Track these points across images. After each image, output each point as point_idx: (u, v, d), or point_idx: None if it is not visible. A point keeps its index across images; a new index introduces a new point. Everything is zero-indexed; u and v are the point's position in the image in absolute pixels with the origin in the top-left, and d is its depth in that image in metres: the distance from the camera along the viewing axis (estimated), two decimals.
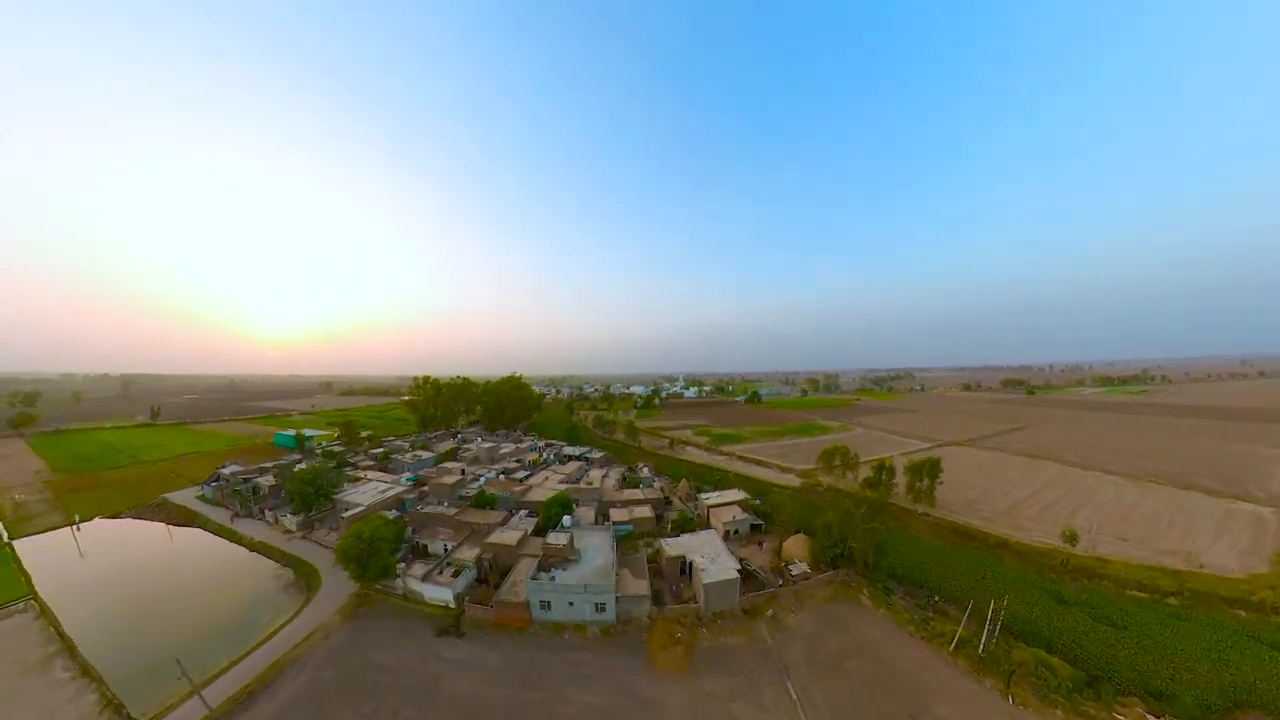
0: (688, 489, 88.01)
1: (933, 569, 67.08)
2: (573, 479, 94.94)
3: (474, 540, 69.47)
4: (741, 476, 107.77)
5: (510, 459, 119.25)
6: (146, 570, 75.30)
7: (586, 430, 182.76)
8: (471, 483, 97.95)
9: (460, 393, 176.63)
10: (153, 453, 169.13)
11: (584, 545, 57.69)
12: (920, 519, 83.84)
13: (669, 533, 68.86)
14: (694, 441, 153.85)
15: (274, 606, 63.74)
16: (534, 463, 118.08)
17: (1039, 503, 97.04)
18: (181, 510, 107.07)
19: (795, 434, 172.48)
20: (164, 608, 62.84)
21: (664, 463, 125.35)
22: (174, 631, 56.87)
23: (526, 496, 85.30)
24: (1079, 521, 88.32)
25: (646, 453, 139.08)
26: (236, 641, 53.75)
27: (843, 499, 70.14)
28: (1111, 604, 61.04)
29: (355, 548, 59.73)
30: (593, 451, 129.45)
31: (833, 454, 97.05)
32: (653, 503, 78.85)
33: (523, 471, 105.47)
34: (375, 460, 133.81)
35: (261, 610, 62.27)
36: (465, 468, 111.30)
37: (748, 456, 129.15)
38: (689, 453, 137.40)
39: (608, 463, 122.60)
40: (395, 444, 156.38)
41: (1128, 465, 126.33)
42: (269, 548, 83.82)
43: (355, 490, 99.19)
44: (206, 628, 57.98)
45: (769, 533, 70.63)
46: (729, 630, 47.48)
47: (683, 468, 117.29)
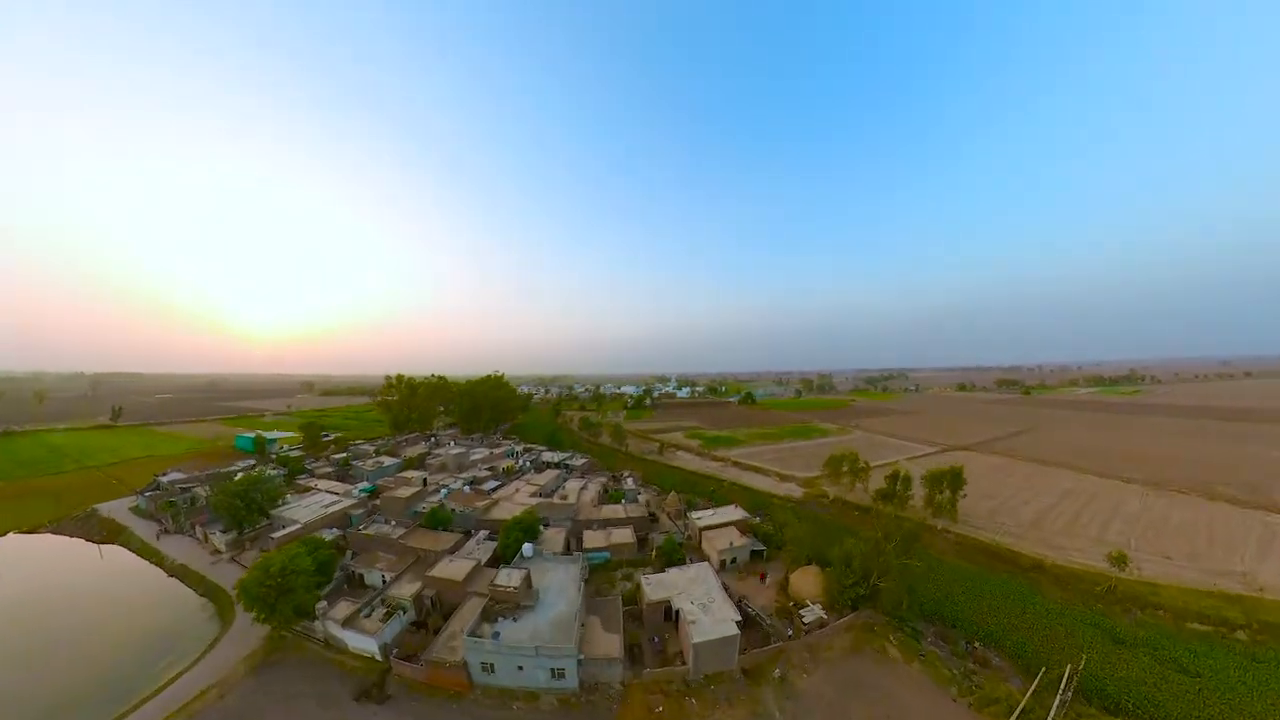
0: (677, 503, 77.30)
1: (964, 601, 57.06)
2: (547, 491, 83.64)
3: (418, 570, 58.00)
4: (738, 486, 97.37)
5: (482, 466, 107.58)
6: (46, 598, 64.10)
7: (571, 433, 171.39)
8: (431, 495, 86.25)
9: (436, 393, 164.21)
10: (101, 457, 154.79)
11: (545, 583, 46.57)
12: (941, 536, 73.95)
13: (653, 560, 57.72)
14: (686, 445, 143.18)
15: (176, 649, 53.03)
16: (508, 471, 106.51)
17: (1064, 515, 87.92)
18: (108, 524, 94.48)
19: (793, 437, 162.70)
20: (49, 647, 52.16)
21: (652, 470, 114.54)
22: (53, 678, 46.79)
23: (490, 514, 73.69)
24: (1111, 536, 79.30)
25: (634, 458, 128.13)
26: (124, 693, 43.94)
27: (872, 524, 59.29)
28: (1174, 642, 51.85)
29: (260, 585, 48.05)
30: (575, 457, 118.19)
31: (840, 461, 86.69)
32: (636, 522, 67.64)
33: (493, 482, 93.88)
34: (335, 466, 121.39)
35: (160, 653, 51.49)
36: (428, 477, 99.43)
37: (744, 463, 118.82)
38: (680, 458, 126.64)
39: (590, 470, 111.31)
40: (361, 448, 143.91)
41: (1144, 472, 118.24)
42: (189, 572, 72.31)
43: (298, 504, 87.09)
44: (91, 675, 47.84)
45: (772, 559, 59.60)
46: (725, 700, 36.75)
47: (673, 476, 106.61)
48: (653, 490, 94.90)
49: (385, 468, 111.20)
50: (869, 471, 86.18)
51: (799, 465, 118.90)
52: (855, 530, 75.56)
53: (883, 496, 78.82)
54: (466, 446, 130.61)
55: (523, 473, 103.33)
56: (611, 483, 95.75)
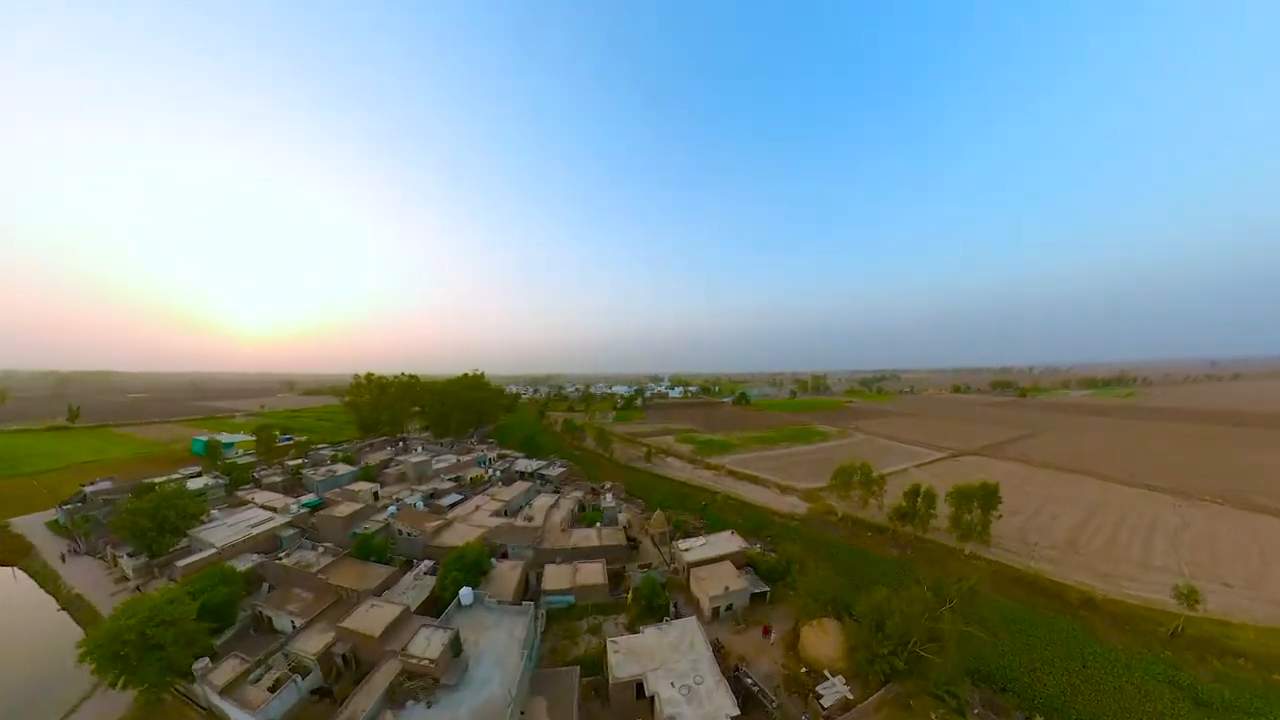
0: (663, 524, 66.03)
1: (1013, 653, 46.52)
2: (512, 509, 72.03)
3: (337, 615, 46.23)
4: (733, 500, 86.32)
5: (445, 476, 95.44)
6: None
7: (555, 436, 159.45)
8: (378, 512, 74.22)
9: (407, 393, 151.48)
10: (41, 462, 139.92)
11: (482, 646, 35.12)
12: (970, 563, 63.57)
13: (628, 606, 46.23)
14: (676, 451, 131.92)
15: (32, 711, 41.33)
16: (475, 482, 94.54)
17: (1100, 532, 78.18)
18: (16, 543, 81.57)
19: (790, 440, 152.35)
20: None
21: (639, 480, 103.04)
22: None
23: (440, 538, 61.79)
24: (1157, 558, 69.58)
25: (619, 466, 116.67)
26: None
27: (917, 572, 47.71)
28: (1268, 703, 41.96)
29: (113, 641, 36.53)
30: (553, 465, 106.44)
31: (849, 473, 75.82)
32: (611, 552, 56.12)
33: (454, 495, 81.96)
34: (286, 475, 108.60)
35: (20, 716, 40.98)
36: (380, 490, 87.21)
37: (739, 471, 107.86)
38: (669, 466, 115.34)
39: (568, 480, 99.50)
40: (320, 453, 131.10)
41: (1169, 479, 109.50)
42: (85, 605, 60.21)
43: (224, 522, 74.62)
44: None
45: (777, 601, 48.17)
46: None
47: (660, 488, 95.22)
48: (637, 506, 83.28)
49: (337, 477, 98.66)
50: (884, 485, 75.39)
51: (800, 474, 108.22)
52: (869, 555, 65.19)
53: (901, 515, 68.24)
54: (433, 453, 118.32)
55: (491, 484, 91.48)
56: (590, 496, 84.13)
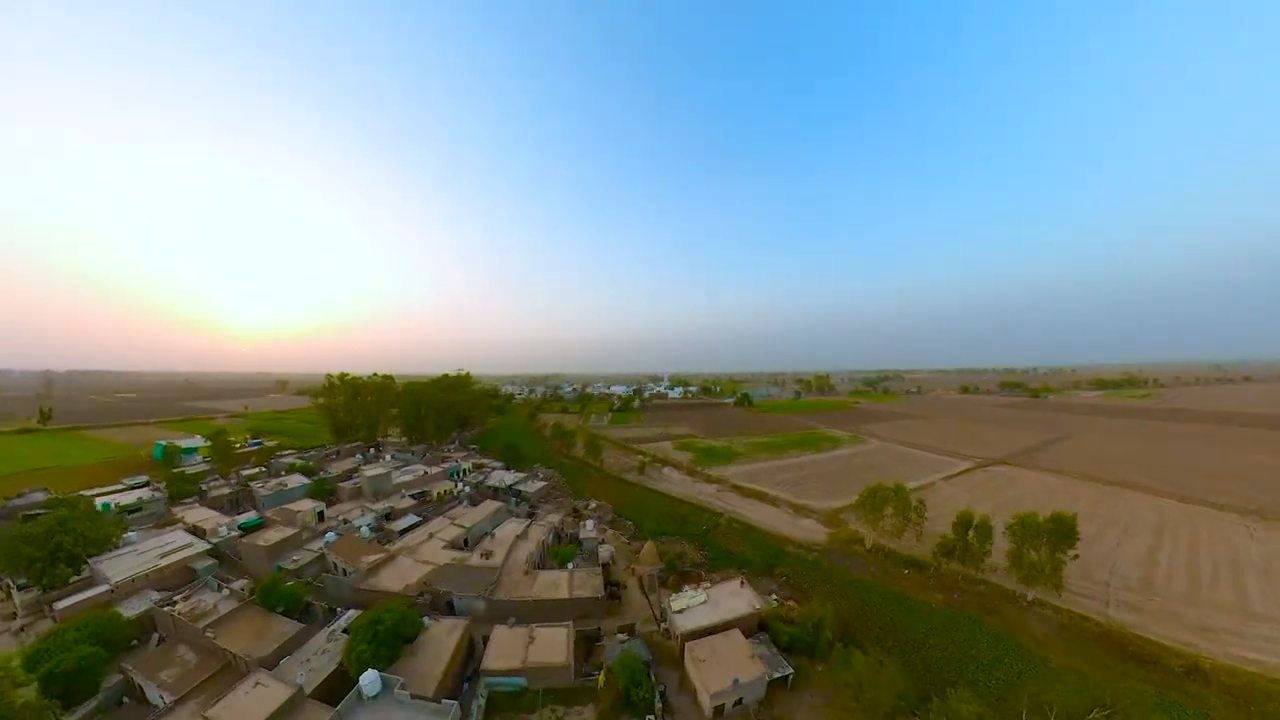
0: (654, 560, 53.58)
1: None
2: (474, 536, 59.89)
3: (218, 689, 34.25)
4: (739, 523, 73.98)
5: (407, 492, 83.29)
6: None
7: (543, 442, 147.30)
8: (315, 540, 62.21)
9: (383, 394, 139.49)
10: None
11: None
12: (1033, 612, 51.38)
13: (598, 694, 33.65)
14: (674, 460, 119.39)
15: None
16: (441, 499, 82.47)
17: (1175, 565, 65.78)
18: None
19: (800, 448, 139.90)
20: None
21: (630, 496, 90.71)
22: None
23: (374, 579, 49.68)
24: (1255, 603, 57.17)
25: (611, 478, 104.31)
26: None
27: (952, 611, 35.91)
28: None
29: None
30: (533, 478, 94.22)
31: (882, 496, 62.93)
32: (582, 607, 43.78)
33: (411, 517, 69.92)
34: (235, 487, 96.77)
35: None
36: (327, 509, 75.11)
37: (745, 486, 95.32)
38: (666, 479, 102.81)
39: (548, 497, 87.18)
40: (281, 461, 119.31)
41: (1227, 494, 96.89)
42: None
43: (136, 548, 62.79)
44: None
45: (803, 688, 35.19)
46: None
47: (654, 507, 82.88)
48: (626, 532, 70.82)
49: (286, 492, 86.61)
50: (924, 512, 62.69)
51: (815, 490, 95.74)
52: (909, 600, 52.34)
53: (946, 551, 56.01)
54: (401, 462, 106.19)
55: (459, 501, 79.36)
56: (571, 519, 71.88)
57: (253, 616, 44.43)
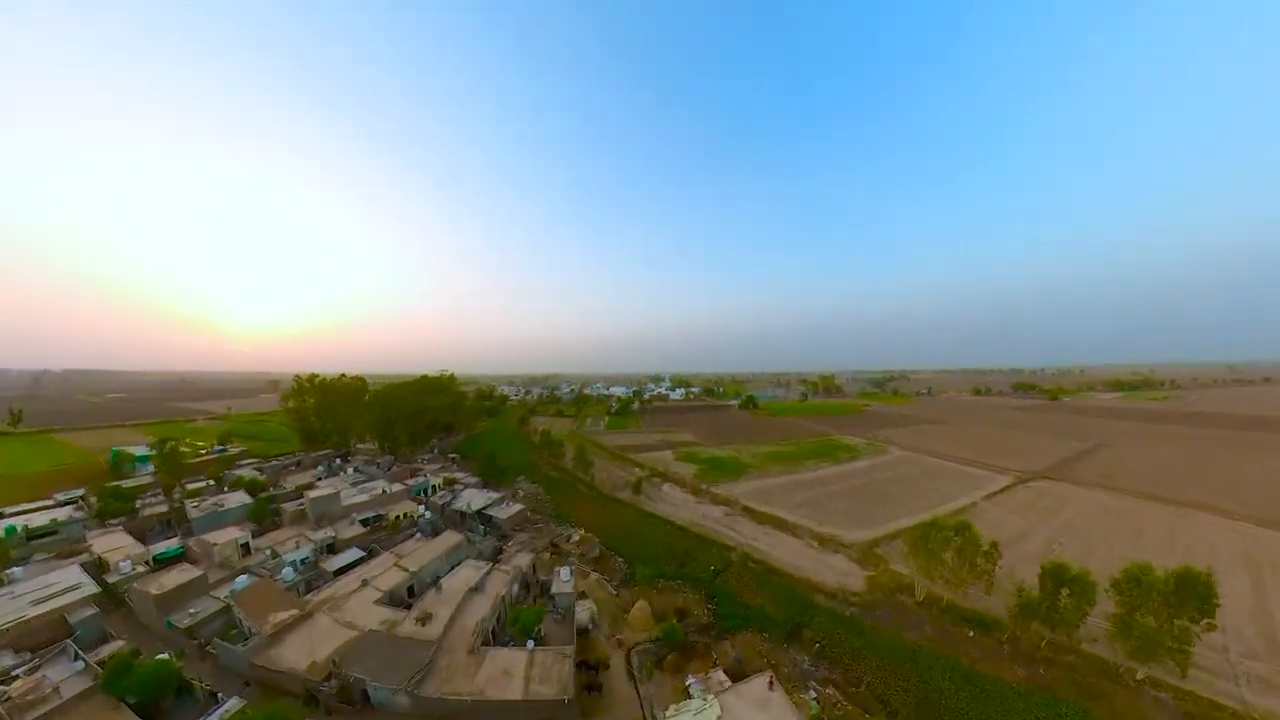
0: (648, 625, 40.51)
1: None
2: (421, 581, 47.05)
3: None
4: (755, 562, 60.56)
5: (361, 515, 70.37)
6: None
7: (531, 450, 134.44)
8: (225, 585, 49.48)
9: (354, 396, 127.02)
10: None
11: None
12: (1145, 696, 38.36)
13: None
14: (676, 475, 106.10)
15: None
16: (396, 526, 69.65)
17: None
18: None
19: (815, 458, 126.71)
20: None
21: (623, 522, 77.18)
22: None
23: (270, 654, 36.80)
24: None
25: (602, 496, 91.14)
26: None
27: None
28: None
29: None
30: (512, 498, 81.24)
31: (939, 538, 48.86)
32: (537, 713, 30.56)
33: (354, 552, 57.14)
34: (173, 505, 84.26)
35: None
36: (252, 540, 62.18)
37: (759, 510, 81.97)
38: (666, 499, 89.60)
39: (524, 524, 73.66)
40: (235, 474, 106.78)
41: None
42: None
43: (11, 591, 50.29)
44: None
45: None
46: None
47: (650, 537, 69.18)
48: (614, 576, 57.51)
49: (222, 514, 73.89)
50: (996, 557, 49.08)
51: (841, 514, 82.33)
52: (979, 676, 38.48)
53: (1029, 611, 43.00)
54: (365, 476, 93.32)
55: (417, 528, 66.51)
56: (549, 554, 58.80)
57: (99, 710, 31.71)
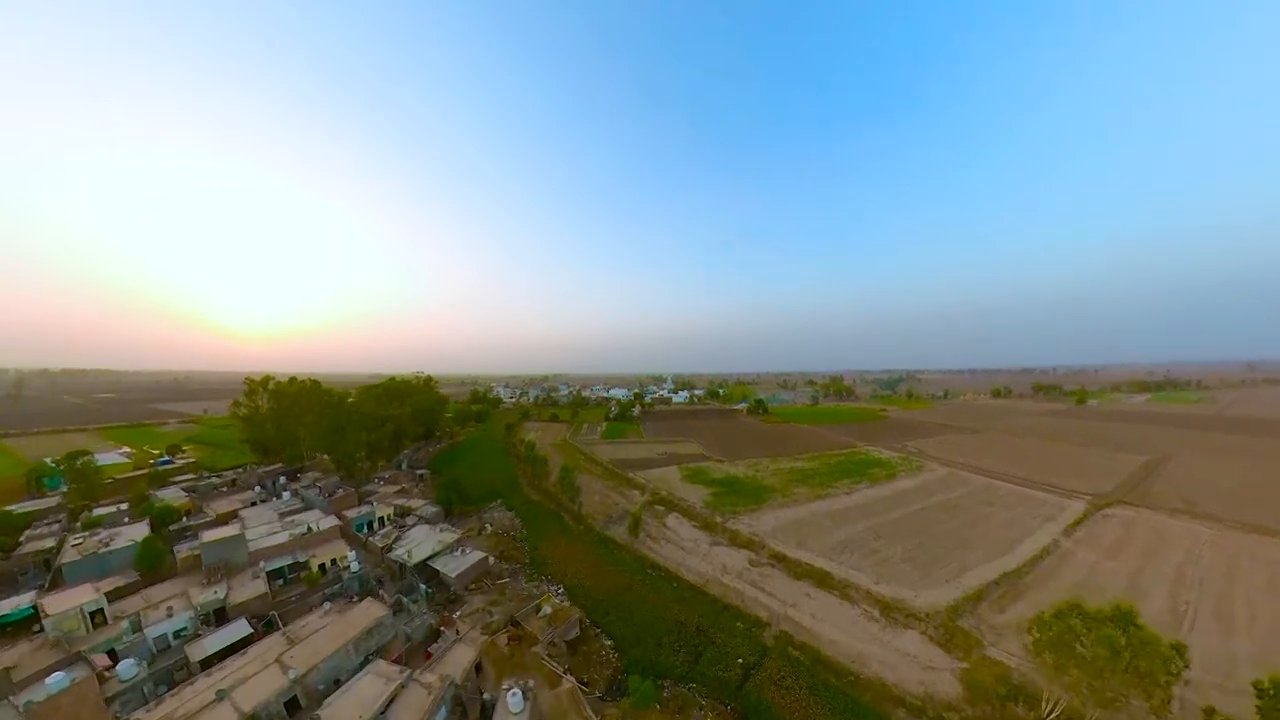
0: None
1: None
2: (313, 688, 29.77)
3: None
4: (800, 647, 42.27)
5: (272, 563, 52.90)
6: None
7: (516, 464, 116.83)
8: (49, 672, 31.93)
9: (310, 403, 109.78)
10: None
11: None
12: None
13: None
14: (682, 502, 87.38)
15: None
16: (315, 578, 52.17)
17: None
18: None
19: (845, 477, 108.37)
20: None
21: (614, 571, 59.41)
22: None
23: None
24: None
25: (591, 532, 72.95)
26: None
27: None
28: None
29: None
30: (471, 542, 63.30)
31: (1090, 635, 30.66)
32: None
33: (233, 628, 39.75)
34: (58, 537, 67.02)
35: None
36: (107, 608, 44.48)
37: (793, 557, 63.13)
38: (671, 537, 71.12)
39: (485, 581, 55.59)
40: (164, 494, 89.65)
41: None
42: None
43: None
44: None
45: None
46: None
47: (651, 602, 50.71)
48: (601, 676, 39.17)
49: (106, 556, 56.45)
50: (1179, 665, 31.36)
51: (898, 560, 63.53)
52: None
53: None
54: (303, 503, 75.71)
55: (334, 591, 48.94)
56: (506, 639, 41.11)
57: None
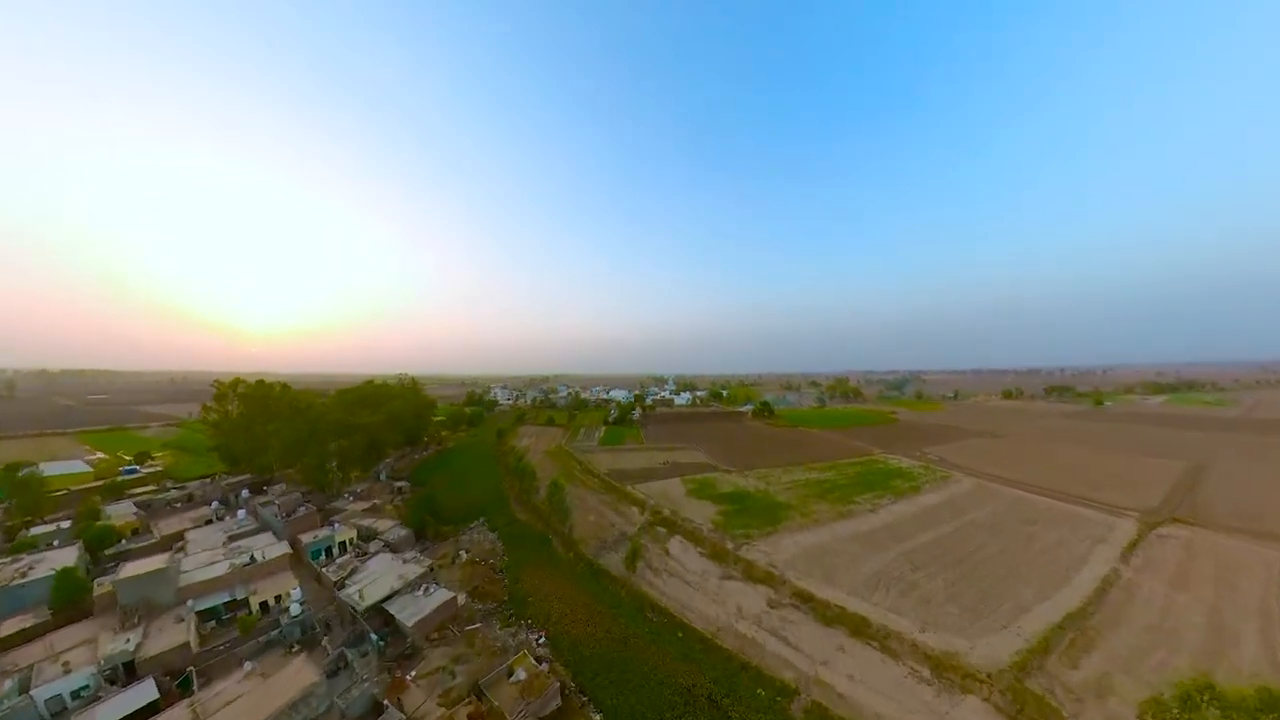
0: None
1: None
2: None
3: None
4: None
5: (204, 602, 43.89)
6: None
7: (505, 475, 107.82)
8: None
9: (278, 408, 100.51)
10: None
11: None
12: None
13: None
14: (687, 524, 77.29)
15: None
16: (249, 623, 43.13)
17: None
18: None
19: (867, 490, 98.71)
20: None
21: (609, 621, 50.34)
22: None
23: None
24: None
25: (582, 560, 63.28)
26: None
27: None
28: None
29: None
30: (439, 577, 54.10)
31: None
32: None
33: (138, 692, 30.88)
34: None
35: None
36: None
37: (821, 597, 53.60)
38: (674, 568, 61.33)
39: (451, 629, 46.19)
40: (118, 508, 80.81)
41: None
42: None
43: None
44: None
45: None
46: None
47: (652, 660, 41.63)
48: None
49: (21, 588, 47.53)
50: None
51: (943, 601, 53.91)
52: None
53: None
54: (257, 524, 66.68)
55: (281, 633, 39.89)
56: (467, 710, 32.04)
57: None
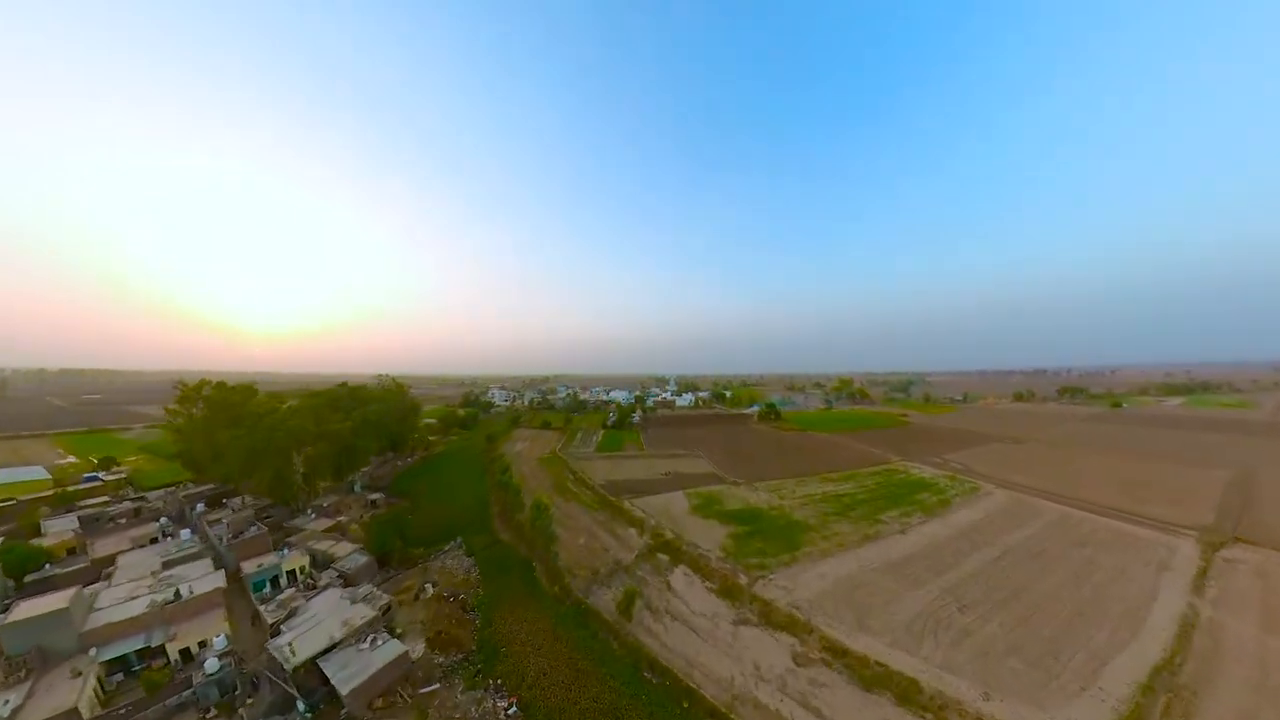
0: None
1: None
2: None
3: None
4: None
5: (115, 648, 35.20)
6: None
7: (492, 487, 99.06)
8: None
9: (241, 413, 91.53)
10: None
11: None
12: None
13: None
14: (692, 549, 67.72)
15: None
16: (162, 677, 34.53)
17: None
18: None
19: (892, 504, 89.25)
20: None
21: (600, 685, 41.44)
22: None
23: None
24: None
25: (572, 600, 53.60)
26: None
27: None
28: None
29: None
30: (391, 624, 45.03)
31: None
32: None
33: None
34: None
35: None
36: None
37: (858, 651, 44.18)
38: (679, 611, 50.97)
39: (393, 693, 36.80)
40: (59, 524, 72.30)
41: None
42: None
43: None
44: None
45: None
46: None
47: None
48: None
49: None
50: None
51: (1004, 655, 44.64)
52: None
53: None
54: (198, 546, 57.92)
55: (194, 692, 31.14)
56: None
57: None
